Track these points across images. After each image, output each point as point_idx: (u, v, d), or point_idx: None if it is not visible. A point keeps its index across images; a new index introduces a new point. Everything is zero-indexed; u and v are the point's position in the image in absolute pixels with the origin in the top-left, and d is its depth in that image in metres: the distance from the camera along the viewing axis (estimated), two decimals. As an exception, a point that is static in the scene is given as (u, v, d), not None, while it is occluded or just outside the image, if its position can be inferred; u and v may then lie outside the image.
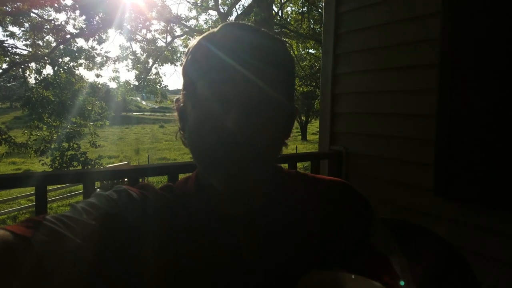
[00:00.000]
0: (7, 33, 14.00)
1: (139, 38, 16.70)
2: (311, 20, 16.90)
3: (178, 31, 17.68)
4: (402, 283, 0.70)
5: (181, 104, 0.70)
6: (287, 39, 17.32)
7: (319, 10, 15.80)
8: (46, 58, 14.10)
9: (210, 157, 0.62)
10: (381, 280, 0.63)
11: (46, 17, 14.43)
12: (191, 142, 0.67)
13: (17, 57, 14.00)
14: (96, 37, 14.03)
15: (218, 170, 0.62)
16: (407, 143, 2.25)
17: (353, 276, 0.61)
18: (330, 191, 0.78)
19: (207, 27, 18.84)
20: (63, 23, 14.32)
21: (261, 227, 0.69)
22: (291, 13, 17.96)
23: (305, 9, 17.06)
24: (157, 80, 17.82)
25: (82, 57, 15.47)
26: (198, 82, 0.64)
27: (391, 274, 0.70)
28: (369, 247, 0.74)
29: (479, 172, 1.83)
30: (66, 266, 0.51)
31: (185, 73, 0.68)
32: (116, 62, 17.18)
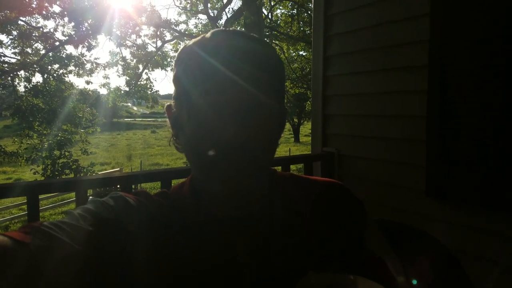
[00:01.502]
0: (-5, 41, 13.89)
1: (129, 43, 16.66)
2: (301, 22, 16.96)
3: (168, 36, 17.71)
4: (414, 281, 0.71)
5: (174, 110, 0.71)
6: (277, 42, 17.39)
7: (309, 12, 15.87)
8: (35, 65, 13.99)
9: (206, 161, 0.63)
10: (378, 280, 0.63)
11: (34, 24, 14.34)
12: (188, 148, 0.68)
13: (6, 65, 13.86)
14: (86, 43, 13.95)
15: (215, 173, 0.63)
16: (399, 145, 2.27)
17: (351, 276, 0.61)
18: (325, 193, 0.78)
19: (197, 31, 18.84)
20: (51, 30, 14.21)
21: (258, 230, 0.69)
22: (281, 15, 18.03)
23: (294, 11, 17.13)
24: (148, 85, 17.76)
25: (72, 64, 15.37)
26: (193, 91, 0.64)
27: (386, 276, 0.70)
28: (364, 248, 0.75)
29: (470, 173, 1.85)
30: (64, 271, 0.52)
31: (177, 81, 0.68)
32: (106, 68, 17.14)
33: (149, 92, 17.88)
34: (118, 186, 1.92)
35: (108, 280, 0.58)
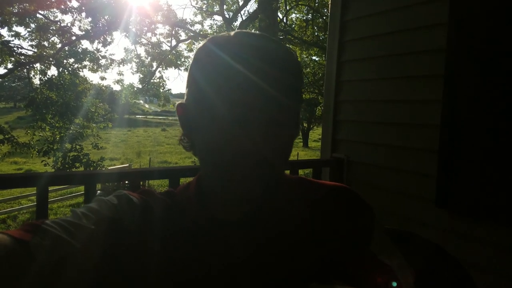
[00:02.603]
0: (13, 33, 14.10)
1: (144, 41, 16.78)
2: (315, 27, 16.95)
3: (183, 35, 17.79)
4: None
5: (187, 110, 0.69)
6: (291, 46, 17.40)
7: (324, 17, 15.86)
8: (51, 59, 14.14)
9: (222, 169, 0.62)
10: None
11: (52, 18, 14.53)
12: (203, 152, 0.66)
13: (22, 57, 14.05)
14: (101, 39, 14.08)
15: (229, 181, 0.62)
16: (409, 153, 2.25)
17: None
18: (331, 196, 0.76)
19: (211, 32, 18.91)
20: (69, 24, 14.40)
21: (262, 233, 0.69)
22: (296, 20, 18.04)
23: (309, 16, 17.13)
24: (161, 84, 17.89)
25: (87, 59, 15.52)
26: (215, 99, 0.61)
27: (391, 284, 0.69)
28: (371, 255, 0.73)
29: (481, 185, 1.82)
30: (64, 270, 0.52)
31: (195, 83, 0.65)
32: (120, 65, 17.26)
33: (161, 90, 18.01)
34: (127, 182, 1.96)
35: (109, 280, 0.58)
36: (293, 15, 18.23)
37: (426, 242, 1.00)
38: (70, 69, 14.82)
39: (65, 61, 15.08)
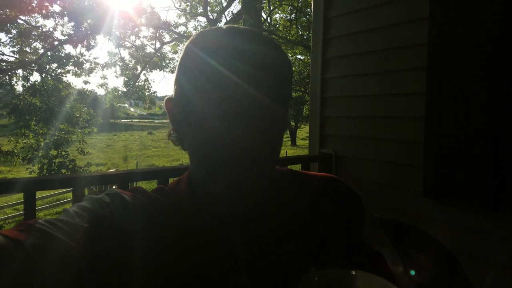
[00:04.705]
0: (-6, 39, 13.86)
1: (128, 44, 16.65)
2: (299, 27, 17.05)
3: (167, 38, 17.73)
4: (413, 272, 0.70)
5: (174, 108, 0.69)
6: (275, 46, 17.43)
7: (307, 16, 15.95)
8: (33, 64, 13.95)
9: (209, 166, 0.63)
10: (377, 274, 0.63)
11: (33, 23, 14.31)
12: (191, 150, 0.68)
13: (4, 64, 13.81)
14: (85, 43, 13.92)
15: (217, 178, 0.63)
16: (396, 146, 2.27)
17: (353, 271, 0.60)
18: (323, 187, 0.78)
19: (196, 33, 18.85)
20: (51, 29, 14.18)
21: (256, 227, 0.69)
22: (280, 20, 18.12)
23: (293, 16, 17.22)
24: (146, 87, 17.75)
25: (70, 63, 15.33)
26: (196, 99, 0.62)
27: (386, 270, 0.70)
28: (362, 242, 0.74)
29: (467, 174, 1.85)
30: (59, 269, 0.51)
31: (179, 84, 0.67)
32: (104, 69, 17.11)
33: (146, 93, 17.87)
34: (114, 187, 1.92)
35: (104, 278, 0.58)
36: (277, 15, 18.33)
37: (414, 229, 1.01)
38: (53, 74, 14.63)
39: (47, 66, 14.89)
